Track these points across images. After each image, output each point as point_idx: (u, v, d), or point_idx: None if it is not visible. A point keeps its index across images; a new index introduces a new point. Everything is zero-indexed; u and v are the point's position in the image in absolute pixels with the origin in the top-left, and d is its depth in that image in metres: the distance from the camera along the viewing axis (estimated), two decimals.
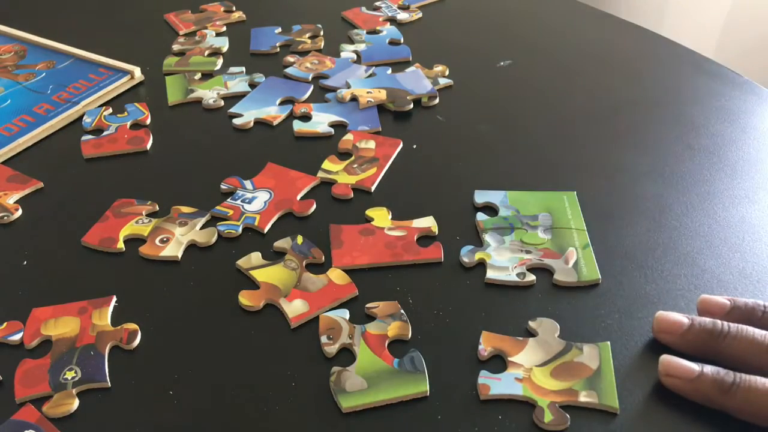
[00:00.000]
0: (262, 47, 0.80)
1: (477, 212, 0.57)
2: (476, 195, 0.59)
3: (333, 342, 0.47)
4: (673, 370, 0.44)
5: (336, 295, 0.51)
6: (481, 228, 0.56)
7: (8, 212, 0.59)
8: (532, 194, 0.59)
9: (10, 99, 0.72)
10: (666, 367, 0.44)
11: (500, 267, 0.52)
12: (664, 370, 0.44)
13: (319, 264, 0.53)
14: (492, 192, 0.59)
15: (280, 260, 0.54)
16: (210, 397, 0.45)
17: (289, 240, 0.55)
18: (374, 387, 0.44)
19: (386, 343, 0.47)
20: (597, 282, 0.51)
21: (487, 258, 0.53)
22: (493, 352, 0.46)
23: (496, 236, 0.55)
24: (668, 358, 0.44)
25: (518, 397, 0.44)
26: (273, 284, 0.52)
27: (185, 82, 0.74)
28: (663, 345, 0.46)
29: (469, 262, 0.53)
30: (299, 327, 0.49)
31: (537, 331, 0.48)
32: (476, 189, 0.59)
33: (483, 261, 0.53)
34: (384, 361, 0.46)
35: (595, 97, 0.72)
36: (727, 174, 0.61)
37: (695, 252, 0.54)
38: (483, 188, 0.60)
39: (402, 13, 0.86)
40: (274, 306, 0.50)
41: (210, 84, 0.74)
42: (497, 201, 0.58)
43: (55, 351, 0.47)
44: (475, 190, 0.59)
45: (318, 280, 0.52)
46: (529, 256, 0.53)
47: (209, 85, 0.74)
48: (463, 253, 0.53)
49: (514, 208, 0.57)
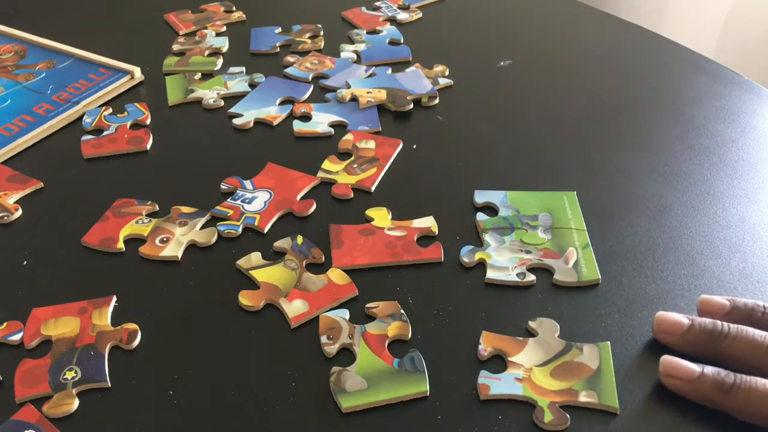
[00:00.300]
0: (262, 47, 0.80)
1: (477, 212, 0.57)
2: (476, 195, 0.59)
3: (333, 342, 0.47)
4: (674, 371, 0.44)
5: (336, 295, 0.51)
6: (481, 228, 0.56)
7: (8, 212, 0.59)
8: (532, 194, 0.59)
9: (10, 99, 0.72)
10: (666, 367, 0.44)
11: (500, 267, 0.52)
12: (665, 371, 0.44)
13: (319, 264, 0.53)
14: (492, 192, 0.59)
15: (280, 260, 0.54)
16: (210, 397, 0.45)
17: (289, 240, 0.55)
18: (374, 387, 0.44)
19: (386, 343, 0.47)
20: (597, 282, 0.51)
21: (487, 258, 0.53)
22: (493, 352, 0.47)
23: (496, 236, 0.55)
24: (669, 359, 0.44)
25: (518, 397, 0.44)
26: (273, 284, 0.52)
27: (185, 82, 0.74)
28: (663, 345, 0.47)
29: (469, 262, 0.53)
30: (299, 327, 0.49)
31: (537, 331, 0.48)
32: (476, 189, 0.59)
33: (483, 261, 0.53)
34: (384, 361, 0.46)
35: (595, 97, 0.72)
36: (727, 174, 0.61)
37: (695, 252, 0.54)
38: (483, 188, 0.60)
39: (402, 13, 0.87)
40: (274, 306, 0.50)
41: (210, 84, 0.74)
42: (497, 201, 0.58)
43: (55, 351, 0.47)
44: (475, 190, 0.59)
45: (318, 280, 0.52)
46: (529, 256, 0.53)
47: (209, 85, 0.74)
48: (463, 253, 0.53)
49: (514, 208, 0.57)
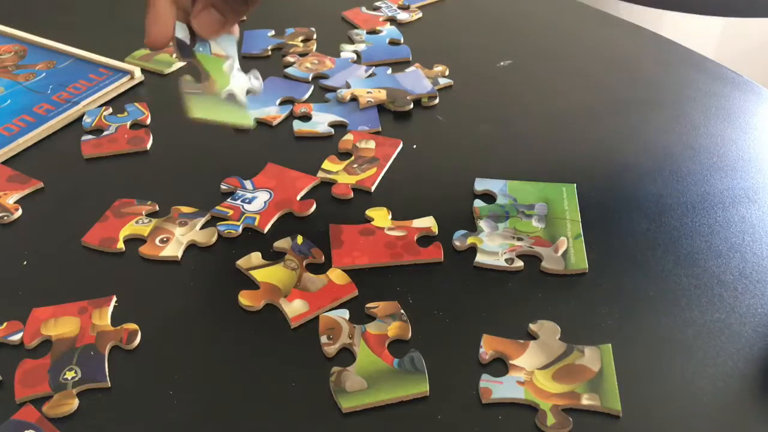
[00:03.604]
0: (253, 50, 0.80)
1: (475, 199, 0.58)
2: (476, 182, 0.59)
3: (333, 342, 0.47)
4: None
5: (336, 295, 0.51)
6: (477, 214, 0.56)
7: (8, 212, 0.59)
8: (532, 184, 0.59)
9: (10, 99, 0.72)
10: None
11: (490, 252, 0.53)
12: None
13: (320, 264, 0.53)
14: (492, 180, 0.60)
15: (281, 260, 0.54)
16: (210, 397, 0.45)
17: (289, 240, 0.55)
18: (374, 387, 0.44)
19: (386, 343, 0.47)
20: (584, 271, 0.52)
21: (479, 243, 0.53)
22: (494, 356, 0.46)
23: (490, 222, 0.55)
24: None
25: (520, 400, 0.44)
26: (273, 284, 0.52)
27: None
28: (666, 347, 0.47)
29: (460, 246, 0.53)
30: (299, 327, 0.49)
31: (538, 334, 0.48)
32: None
33: (474, 246, 0.53)
34: (384, 361, 0.46)
35: (595, 97, 0.72)
36: (727, 174, 0.61)
37: (695, 252, 0.54)
38: None
39: (402, 13, 0.86)
40: (274, 306, 0.50)
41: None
42: (496, 189, 0.59)
43: (55, 351, 0.47)
44: (476, 178, 0.60)
45: (318, 280, 0.52)
46: (520, 243, 0.54)
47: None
48: (455, 237, 0.54)
49: (512, 197, 0.58)
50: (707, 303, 0.50)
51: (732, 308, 0.50)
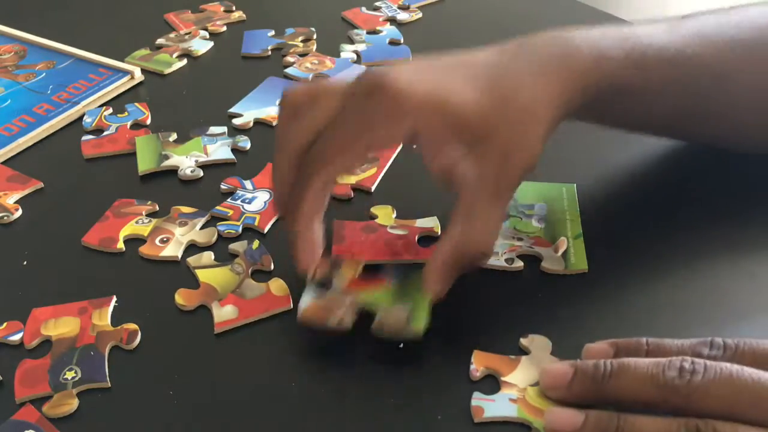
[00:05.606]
0: (253, 50, 0.80)
1: None
2: None
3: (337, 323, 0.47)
4: (558, 424, 0.41)
5: (268, 306, 0.50)
6: None
7: (8, 212, 0.59)
8: (532, 185, 0.59)
9: (10, 99, 0.72)
10: (550, 422, 0.41)
11: None
12: (549, 426, 0.41)
13: (267, 272, 0.53)
14: None
15: (230, 263, 0.53)
16: (210, 397, 0.45)
17: (245, 243, 0.55)
18: (404, 298, 0.47)
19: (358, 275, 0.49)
20: (584, 271, 0.51)
21: None
22: (485, 372, 0.45)
23: None
24: (551, 412, 0.41)
25: (513, 419, 0.42)
26: (212, 286, 0.51)
27: (158, 145, 0.65)
28: None
29: None
30: (297, 327, 0.48)
31: (529, 349, 0.46)
32: None
33: None
34: (377, 289, 0.48)
35: None
36: (727, 174, 0.61)
37: (695, 253, 0.54)
38: None
39: (402, 13, 0.86)
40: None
41: (187, 148, 0.64)
42: None
43: (55, 351, 0.47)
44: None
45: (257, 287, 0.51)
46: (520, 243, 0.54)
47: (186, 149, 0.64)
48: None
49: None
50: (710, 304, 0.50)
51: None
